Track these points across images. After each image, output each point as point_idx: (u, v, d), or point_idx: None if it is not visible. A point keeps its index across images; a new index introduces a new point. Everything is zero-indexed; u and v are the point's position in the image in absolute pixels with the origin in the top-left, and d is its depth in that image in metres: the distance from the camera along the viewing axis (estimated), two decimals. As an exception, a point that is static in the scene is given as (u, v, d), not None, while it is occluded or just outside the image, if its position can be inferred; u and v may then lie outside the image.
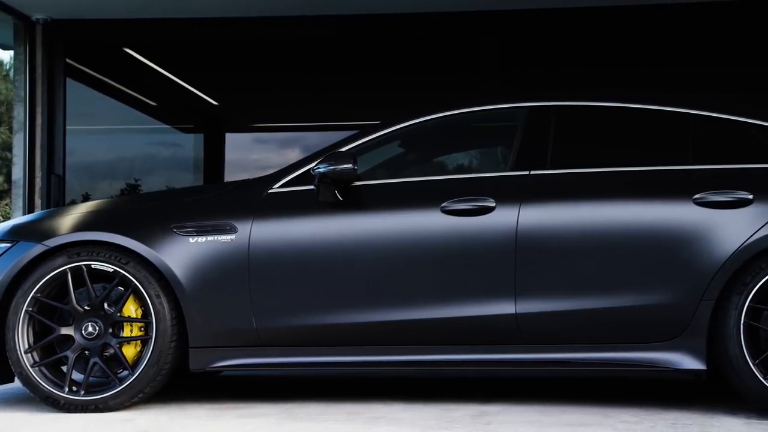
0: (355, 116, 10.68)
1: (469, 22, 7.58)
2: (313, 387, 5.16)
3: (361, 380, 5.38)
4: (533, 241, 4.09)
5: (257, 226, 4.28)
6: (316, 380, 5.44)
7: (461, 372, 5.15)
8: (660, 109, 4.38)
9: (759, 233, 3.93)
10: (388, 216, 4.24)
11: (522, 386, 5.03)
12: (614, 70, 9.39)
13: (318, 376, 5.57)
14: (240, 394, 4.83)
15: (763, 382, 3.88)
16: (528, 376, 5.40)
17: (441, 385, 5.14)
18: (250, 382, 5.45)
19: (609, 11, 7.39)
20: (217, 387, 5.23)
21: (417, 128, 4.49)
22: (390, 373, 5.49)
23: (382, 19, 7.67)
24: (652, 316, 4.02)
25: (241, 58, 9.58)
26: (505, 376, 5.40)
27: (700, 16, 7.48)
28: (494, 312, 4.11)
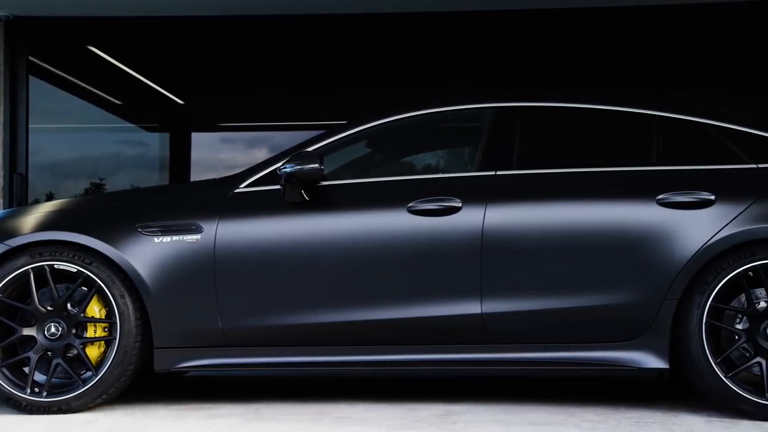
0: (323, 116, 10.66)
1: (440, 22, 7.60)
2: (279, 387, 5.15)
3: (328, 380, 5.38)
4: (499, 241, 4.11)
5: (223, 225, 4.26)
6: (282, 380, 5.42)
7: (427, 372, 5.16)
8: (624, 110, 4.42)
9: (721, 233, 3.98)
10: (354, 216, 4.24)
11: (488, 386, 5.06)
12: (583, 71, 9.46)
13: (284, 377, 5.55)
14: (205, 394, 4.81)
15: (724, 381, 3.93)
16: (494, 375, 5.42)
17: (407, 384, 5.15)
18: (215, 383, 5.42)
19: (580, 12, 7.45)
20: (183, 388, 5.20)
21: (383, 128, 4.50)
22: (356, 373, 5.49)
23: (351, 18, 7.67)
24: (616, 315, 4.06)
25: (207, 57, 9.52)
26: (471, 375, 5.42)
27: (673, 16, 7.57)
28: (460, 312, 4.12)
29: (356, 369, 4.28)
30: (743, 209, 4.00)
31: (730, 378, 3.94)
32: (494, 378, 5.35)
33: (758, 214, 3.99)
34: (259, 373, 5.55)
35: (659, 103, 4.41)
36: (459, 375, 5.44)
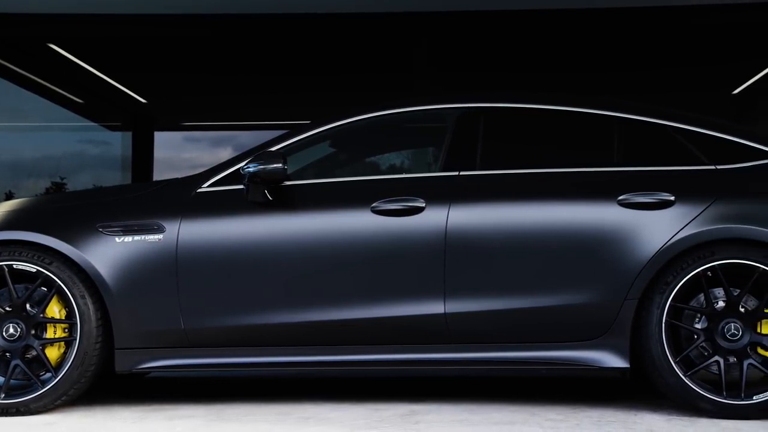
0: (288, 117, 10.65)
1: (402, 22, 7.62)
2: (242, 388, 5.13)
3: (291, 381, 5.37)
4: (462, 241, 4.13)
5: (185, 225, 4.23)
6: (245, 381, 5.40)
7: (391, 371, 5.16)
8: (586, 111, 4.45)
9: (680, 234, 4.03)
10: (317, 216, 4.24)
11: (451, 385, 5.08)
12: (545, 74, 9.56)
13: (247, 377, 5.53)
14: (167, 395, 4.77)
15: (683, 380, 3.98)
16: (457, 375, 5.45)
17: (371, 384, 5.15)
18: (177, 384, 5.38)
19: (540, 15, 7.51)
20: (144, 389, 5.16)
21: (347, 128, 4.50)
22: (320, 373, 5.48)
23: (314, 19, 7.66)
24: (578, 315, 4.09)
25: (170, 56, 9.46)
26: (435, 375, 5.44)
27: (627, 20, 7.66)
28: (423, 312, 4.13)
29: (320, 369, 4.27)
30: (702, 210, 4.05)
31: (689, 377, 3.98)
32: (458, 378, 5.37)
33: (717, 214, 4.04)
34: (222, 373, 5.52)
35: (621, 105, 4.46)
36: (423, 375, 5.45)
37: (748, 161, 4.22)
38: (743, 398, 3.93)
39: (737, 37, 8.61)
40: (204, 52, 9.39)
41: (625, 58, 9.36)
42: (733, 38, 8.68)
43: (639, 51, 9.17)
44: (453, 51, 8.85)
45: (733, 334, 3.99)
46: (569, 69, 9.53)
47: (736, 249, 4.00)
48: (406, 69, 8.45)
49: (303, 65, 9.76)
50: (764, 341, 4.00)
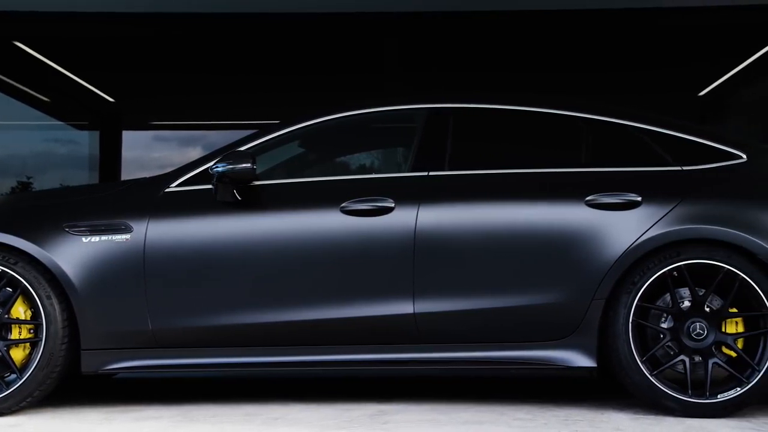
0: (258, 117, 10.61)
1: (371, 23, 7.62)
2: (209, 389, 5.10)
3: (259, 381, 5.35)
4: (431, 241, 4.14)
5: (153, 225, 4.20)
6: (213, 382, 5.38)
7: (360, 372, 5.16)
8: (554, 112, 4.48)
9: (647, 234, 4.06)
10: (286, 216, 4.23)
11: (420, 385, 5.08)
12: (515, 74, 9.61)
13: (215, 378, 5.51)
14: (134, 396, 4.74)
15: (649, 379, 4.01)
16: (426, 375, 5.46)
17: (340, 385, 5.15)
18: (145, 385, 5.35)
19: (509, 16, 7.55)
20: (111, 390, 5.12)
21: (316, 128, 4.49)
22: (288, 373, 5.48)
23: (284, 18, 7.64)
24: (546, 315, 4.11)
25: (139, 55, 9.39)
26: (404, 375, 5.45)
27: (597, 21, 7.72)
28: (393, 312, 4.13)
29: (288, 369, 4.26)
30: (668, 210, 4.08)
31: (655, 376, 4.02)
32: (427, 377, 5.38)
33: (683, 215, 4.08)
34: (190, 374, 5.49)
35: (588, 106, 4.49)
36: (392, 375, 5.45)
37: (713, 162, 4.27)
38: (708, 397, 3.98)
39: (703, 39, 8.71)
40: (173, 51, 9.34)
41: (593, 59, 9.43)
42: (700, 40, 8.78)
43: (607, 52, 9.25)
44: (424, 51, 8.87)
45: (699, 333, 4.03)
46: (539, 69, 9.58)
47: (702, 249, 4.05)
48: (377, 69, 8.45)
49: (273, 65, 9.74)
50: (729, 340, 4.04)
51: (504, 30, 8.01)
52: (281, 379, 5.42)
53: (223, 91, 10.64)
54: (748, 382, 3.97)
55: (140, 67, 9.83)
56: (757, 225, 4.03)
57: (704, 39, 8.71)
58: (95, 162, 11.79)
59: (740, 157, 4.28)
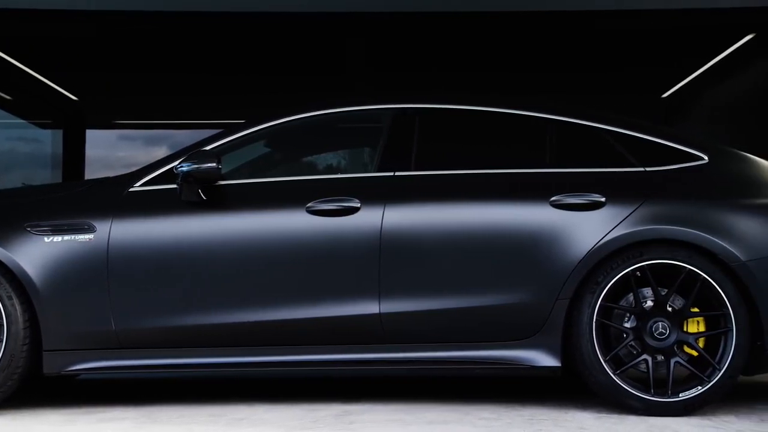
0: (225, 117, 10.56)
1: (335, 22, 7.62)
2: (174, 389, 5.07)
3: (225, 382, 5.33)
4: (397, 241, 4.14)
5: (117, 225, 4.17)
6: (178, 382, 5.34)
7: (326, 372, 5.16)
8: (520, 113, 4.51)
9: (611, 234, 4.10)
10: (252, 216, 4.21)
11: (386, 385, 5.09)
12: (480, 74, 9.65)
13: (179, 378, 5.47)
14: (97, 398, 4.70)
15: (613, 378, 4.04)
16: (392, 375, 5.46)
17: (305, 385, 5.14)
18: (108, 386, 5.30)
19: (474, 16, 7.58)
20: (73, 391, 5.07)
21: (282, 128, 4.48)
22: (254, 374, 5.46)
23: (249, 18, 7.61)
24: (511, 315, 4.13)
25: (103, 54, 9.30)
26: (370, 375, 5.45)
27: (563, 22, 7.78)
28: (359, 312, 4.13)
29: (254, 370, 4.24)
30: (632, 211, 4.12)
31: (619, 375, 4.05)
32: (393, 378, 5.39)
33: (646, 215, 4.12)
34: (154, 375, 5.45)
35: (553, 107, 4.52)
36: (358, 375, 5.45)
37: (675, 163, 4.32)
38: (670, 396, 4.02)
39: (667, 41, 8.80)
40: (138, 50, 9.26)
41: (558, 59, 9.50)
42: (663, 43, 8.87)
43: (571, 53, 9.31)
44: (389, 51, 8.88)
45: (661, 333, 4.07)
46: (504, 69, 9.63)
47: (664, 249, 4.09)
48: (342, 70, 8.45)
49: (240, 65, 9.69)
50: (690, 340, 4.09)
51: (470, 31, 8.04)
52: (247, 379, 5.40)
53: (189, 91, 10.58)
54: (709, 380, 4.02)
55: (104, 66, 9.75)
56: (717, 226, 4.08)
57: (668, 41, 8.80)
58: (58, 161, 11.66)
59: (702, 159, 4.33)
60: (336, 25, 7.67)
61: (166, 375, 5.45)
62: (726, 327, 4.04)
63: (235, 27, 7.87)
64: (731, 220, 4.11)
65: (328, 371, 4.88)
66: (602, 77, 10.06)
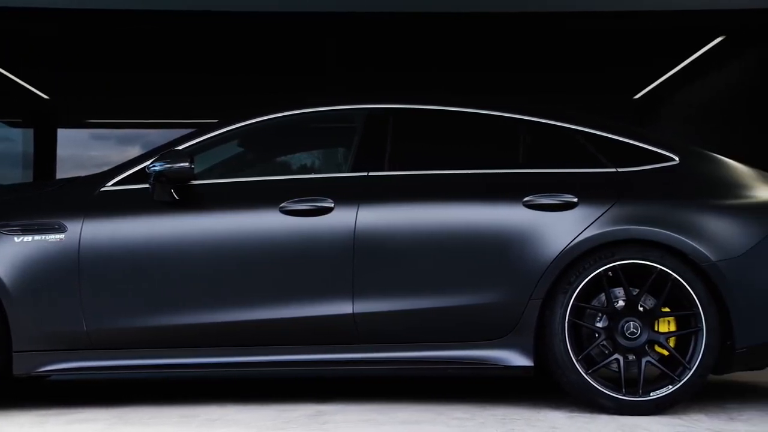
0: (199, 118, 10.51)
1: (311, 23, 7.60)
2: (146, 390, 5.04)
3: (197, 383, 5.30)
4: (371, 241, 4.14)
5: (88, 225, 4.14)
6: (150, 383, 5.31)
7: (300, 372, 5.15)
8: (493, 114, 4.52)
9: (583, 235, 4.12)
10: (225, 216, 4.20)
11: (359, 385, 5.09)
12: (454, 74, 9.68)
13: (152, 379, 5.44)
14: (68, 399, 4.66)
15: (585, 377, 4.07)
16: (366, 375, 5.46)
17: (279, 385, 5.13)
18: (79, 387, 5.26)
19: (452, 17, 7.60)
20: (44, 392, 5.02)
21: (255, 128, 4.47)
22: (227, 374, 5.43)
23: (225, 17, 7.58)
24: (484, 315, 4.14)
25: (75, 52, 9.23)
26: (344, 375, 5.44)
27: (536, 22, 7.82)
28: (332, 312, 4.13)
29: (227, 371, 4.23)
30: (604, 212, 4.15)
31: (591, 374, 4.07)
32: (366, 378, 5.38)
33: (618, 216, 4.15)
34: (126, 375, 5.42)
35: (526, 108, 4.54)
36: (331, 375, 5.45)
37: (647, 164, 4.35)
38: (641, 395, 4.05)
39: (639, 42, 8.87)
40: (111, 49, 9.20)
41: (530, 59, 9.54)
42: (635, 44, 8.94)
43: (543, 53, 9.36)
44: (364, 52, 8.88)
45: (632, 332, 4.10)
46: (477, 69, 9.66)
47: (636, 250, 4.12)
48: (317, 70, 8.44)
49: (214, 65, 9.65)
50: (661, 339, 4.12)
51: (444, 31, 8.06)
52: (219, 380, 5.38)
53: (163, 91, 10.52)
54: (680, 380, 4.05)
55: (76, 65, 9.67)
56: (688, 226, 4.12)
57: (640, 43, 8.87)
58: (29, 160, 11.56)
59: (673, 159, 4.37)
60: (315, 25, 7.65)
61: (137, 376, 5.42)
62: (696, 327, 4.08)
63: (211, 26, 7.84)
64: (702, 220, 4.15)
65: (302, 371, 4.88)
66: (574, 78, 10.12)
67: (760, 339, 4.11)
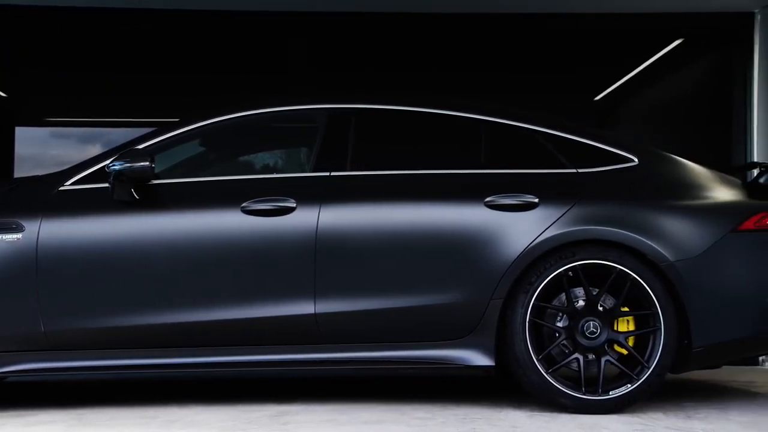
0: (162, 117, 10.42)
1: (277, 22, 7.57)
2: (105, 391, 4.99)
3: (157, 383, 5.26)
4: (333, 241, 4.14)
5: (46, 224, 4.09)
6: (110, 384, 5.26)
7: (262, 372, 5.14)
8: (456, 114, 4.54)
9: (543, 235, 4.15)
10: (186, 215, 4.17)
11: (321, 386, 5.08)
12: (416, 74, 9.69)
13: (111, 380, 5.39)
14: (26, 400, 4.60)
15: (545, 377, 4.10)
16: (328, 375, 5.46)
17: (241, 386, 5.11)
18: (37, 388, 5.20)
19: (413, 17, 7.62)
20: (1, 394, 4.95)
21: (217, 127, 4.44)
22: (187, 375, 5.40)
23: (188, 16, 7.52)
24: (446, 314, 4.16)
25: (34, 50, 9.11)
26: (306, 375, 5.44)
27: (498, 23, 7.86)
28: (294, 312, 4.12)
29: (188, 371, 4.21)
30: (564, 212, 4.18)
31: (551, 374, 4.11)
32: (329, 378, 5.38)
33: (578, 216, 4.18)
34: (85, 377, 5.36)
35: (488, 109, 4.56)
36: (294, 375, 5.44)
37: (607, 165, 4.39)
38: (600, 394, 4.08)
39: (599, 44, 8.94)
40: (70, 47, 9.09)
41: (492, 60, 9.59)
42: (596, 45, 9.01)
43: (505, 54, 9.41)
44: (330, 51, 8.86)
45: (592, 332, 4.14)
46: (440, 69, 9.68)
47: (596, 250, 4.16)
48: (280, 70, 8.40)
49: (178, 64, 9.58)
50: (620, 339, 4.16)
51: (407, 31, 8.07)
52: (180, 381, 5.34)
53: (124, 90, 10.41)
54: (638, 378, 4.10)
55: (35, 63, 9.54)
56: (647, 227, 4.16)
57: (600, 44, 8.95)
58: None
59: (632, 161, 4.42)
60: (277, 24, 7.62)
61: (97, 377, 5.36)
62: (655, 326, 4.13)
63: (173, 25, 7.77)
64: (660, 221, 4.20)
65: (264, 372, 4.87)
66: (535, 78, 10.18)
67: (716, 338, 4.16)
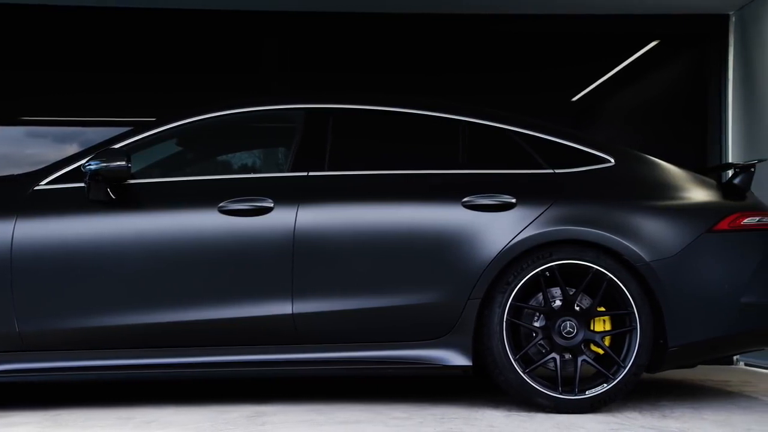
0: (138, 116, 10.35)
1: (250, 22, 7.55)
2: (81, 392, 4.95)
3: (133, 384, 5.22)
4: (310, 241, 4.14)
5: (21, 224, 4.06)
6: (85, 385, 5.22)
7: (239, 373, 5.09)
8: (433, 115, 4.55)
9: (521, 235, 4.17)
10: (162, 215, 4.15)
11: (298, 386, 5.07)
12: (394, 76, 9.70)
13: (87, 381, 5.34)
14: (0, 402, 4.55)
15: (522, 376, 4.11)
16: (306, 375, 5.42)
17: (217, 386, 5.08)
18: (11, 390, 5.14)
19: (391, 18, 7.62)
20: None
21: (193, 127, 4.42)
22: (164, 376, 5.35)
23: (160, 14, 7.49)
24: (423, 315, 4.17)
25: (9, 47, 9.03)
26: (283, 376, 5.38)
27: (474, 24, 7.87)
28: (272, 312, 4.11)
29: (164, 372, 4.18)
30: (541, 212, 4.20)
31: (528, 373, 4.12)
32: (305, 378, 5.36)
33: (555, 217, 4.20)
34: (60, 378, 5.29)
35: (466, 109, 4.57)
36: (271, 376, 5.39)
37: (583, 166, 4.41)
38: (577, 393, 4.11)
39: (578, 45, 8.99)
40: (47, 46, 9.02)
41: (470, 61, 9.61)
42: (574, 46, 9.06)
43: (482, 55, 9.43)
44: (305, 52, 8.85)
45: (569, 331, 4.16)
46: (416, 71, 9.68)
47: (572, 250, 4.18)
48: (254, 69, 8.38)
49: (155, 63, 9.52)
50: (596, 338, 4.19)
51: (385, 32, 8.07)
52: (156, 382, 5.30)
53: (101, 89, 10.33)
54: (614, 378, 4.12)
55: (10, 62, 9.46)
56: (623, 227, 4.19)
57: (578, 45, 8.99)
58: (-40, 158, 11.27)
59: (608, 161, 4.44)
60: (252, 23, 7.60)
61: (72, 378, 5.30)
62: (631, 326, 4.15)
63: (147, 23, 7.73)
64: (636, 221, 4.22)
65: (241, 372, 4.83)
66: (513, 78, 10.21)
67: (691, 338, 4.20)
